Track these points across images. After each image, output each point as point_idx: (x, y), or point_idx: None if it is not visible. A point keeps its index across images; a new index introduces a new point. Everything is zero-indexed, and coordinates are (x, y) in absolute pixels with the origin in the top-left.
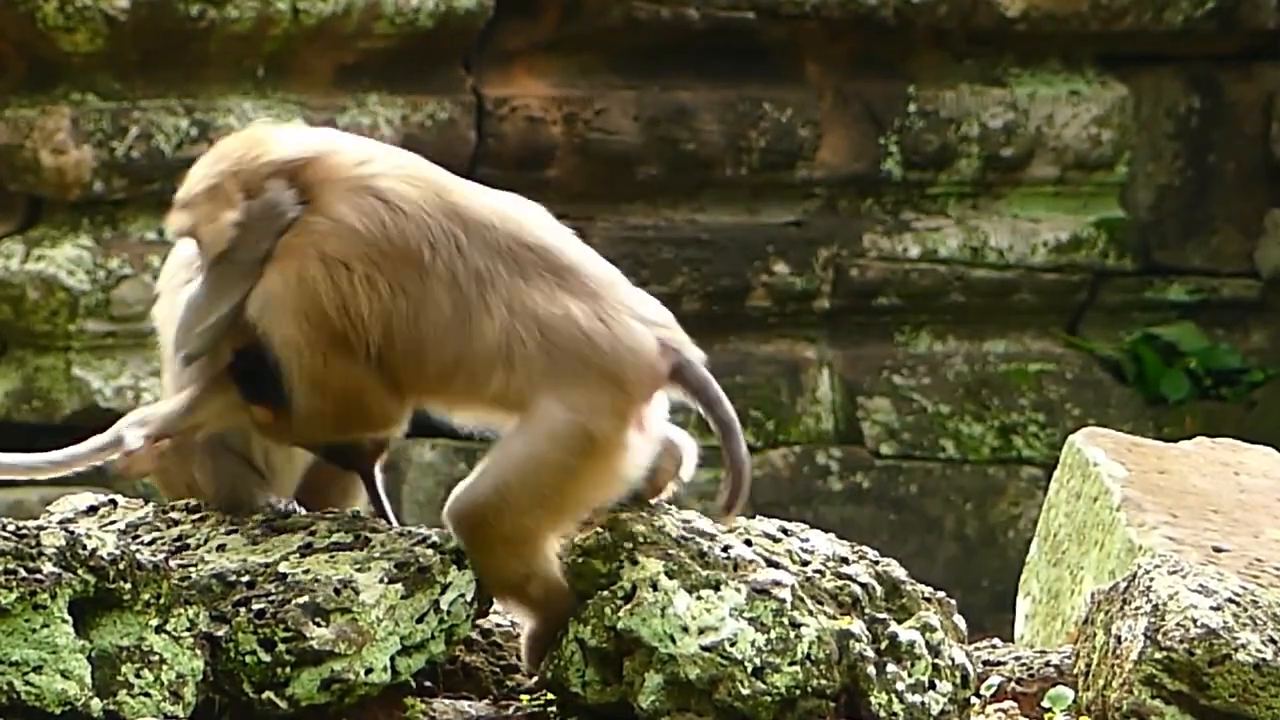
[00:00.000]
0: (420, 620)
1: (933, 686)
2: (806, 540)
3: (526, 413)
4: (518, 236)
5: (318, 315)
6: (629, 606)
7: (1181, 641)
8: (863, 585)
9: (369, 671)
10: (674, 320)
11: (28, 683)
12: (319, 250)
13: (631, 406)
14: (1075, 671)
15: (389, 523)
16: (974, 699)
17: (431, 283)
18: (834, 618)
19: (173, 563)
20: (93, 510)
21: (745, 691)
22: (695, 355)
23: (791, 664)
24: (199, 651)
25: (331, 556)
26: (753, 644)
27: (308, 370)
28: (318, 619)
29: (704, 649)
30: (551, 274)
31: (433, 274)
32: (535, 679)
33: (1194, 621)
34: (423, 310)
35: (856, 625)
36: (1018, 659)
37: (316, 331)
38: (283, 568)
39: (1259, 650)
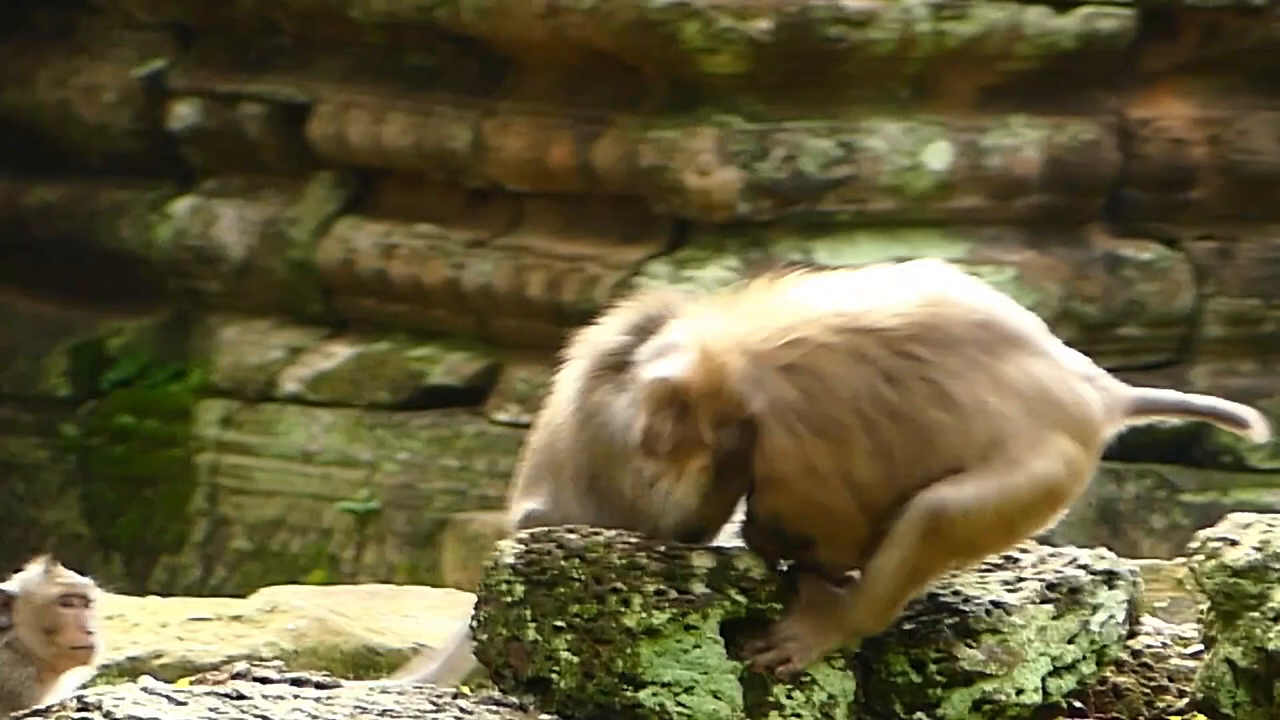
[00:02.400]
0: (1070, 641)
1: None
2: None
3: None
4: (963, 319)
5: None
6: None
7: None
8: None
9: (1020, 692)
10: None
11: (679, 703)
12: (794, 470)
13: (1090, 462)
14: None
15: None
16: None
17: (908, 407)
18: None
19: None
20: None
21: None
22: (1127, 391)
23: None
24: (850, 673)
25: (981, 577)
26: None
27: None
28: (968, 639)
29: None
30: (1007, 344)
31: (904, 399)
32: (1186, 699)
33: None
34: (911, 437)
35: None
36: None
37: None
38: (932, 588)
39: None
